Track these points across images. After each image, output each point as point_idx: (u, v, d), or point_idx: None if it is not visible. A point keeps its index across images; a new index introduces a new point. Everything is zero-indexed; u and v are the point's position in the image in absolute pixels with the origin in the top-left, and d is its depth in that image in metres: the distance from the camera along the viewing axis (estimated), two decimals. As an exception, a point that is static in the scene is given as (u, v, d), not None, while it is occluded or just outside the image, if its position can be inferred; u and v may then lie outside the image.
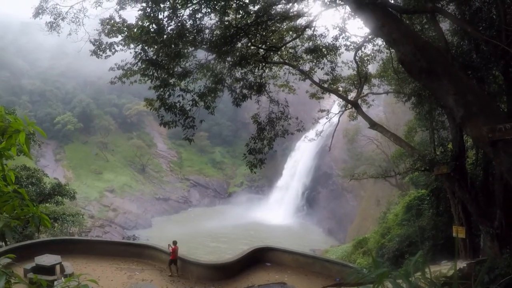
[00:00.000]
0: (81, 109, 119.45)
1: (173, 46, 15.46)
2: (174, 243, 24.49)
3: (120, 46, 23.99)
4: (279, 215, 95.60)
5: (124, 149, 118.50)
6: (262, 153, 19.91)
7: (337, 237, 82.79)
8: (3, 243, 30.59)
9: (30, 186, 34.14)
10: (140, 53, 17.34)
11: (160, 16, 15.49)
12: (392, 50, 23.03)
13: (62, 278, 20.67)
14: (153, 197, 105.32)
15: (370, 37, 24.85)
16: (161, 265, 25.56)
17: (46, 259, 21.97)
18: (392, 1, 18.65)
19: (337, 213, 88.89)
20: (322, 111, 31.81)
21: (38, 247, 24.62)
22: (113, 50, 23.74)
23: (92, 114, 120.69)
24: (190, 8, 15.76)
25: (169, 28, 15.70)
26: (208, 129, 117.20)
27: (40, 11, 23.67)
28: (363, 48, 26.81)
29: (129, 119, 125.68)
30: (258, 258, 26.56)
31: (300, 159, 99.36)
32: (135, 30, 22.15)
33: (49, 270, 21.24)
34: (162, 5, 15.12)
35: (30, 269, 21.09)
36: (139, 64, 18.55)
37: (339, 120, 30.01)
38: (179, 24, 15.58)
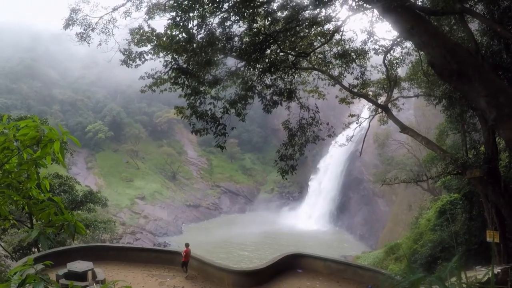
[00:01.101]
0: (112, 118, 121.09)
1: (203, 54, 15.53)
2: (186, 245, 25.53)
3: (150, 55, 24.28)
4: (309, 221, 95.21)
5: (154, 156, 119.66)
6: (293, 159, 19.82)
7: (369, 243, 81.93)
8: (36, 249, 31.11)
9: (62, 193, 34.64)
10: (170, 61, 17.46)
11: (190, 25, 15.57)
12: (422, 53, 22.75)
13: (94, 284, 20.93)
14: (184, 204, 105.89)
15: (398, 40, 24.60)
16: (192, 271, 25.65)
17: (79, 265, 22.22)
18: (420, 3, 18.43)
19: (368, 218, 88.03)
20: (352, 116, 31.58)
21: (70, 254, 24.93)
22: (142, 59, 24.05)
23: (123, 123, 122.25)
24: (219, 16, 15.84)
25: (198, 36, 15.79)
26: (238, 136, 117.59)
27: (70, 22, 24.09)
28: (392, 51, 26.56)
29: (159, 127, 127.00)
30: (289, 264, 26.44)
31: (330, 165, 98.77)
32: (164, 39, 22.38)
33: (81, 276, 21.48)
34: (191, 14, 15.21)
35: (62, 275, 21.35)
36: (170, 72, 18.68)
37: (369, 125, 29.74)
38: (208, 32, 15.66)
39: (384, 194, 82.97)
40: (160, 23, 24.24)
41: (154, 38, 23.99)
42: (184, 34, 15.58)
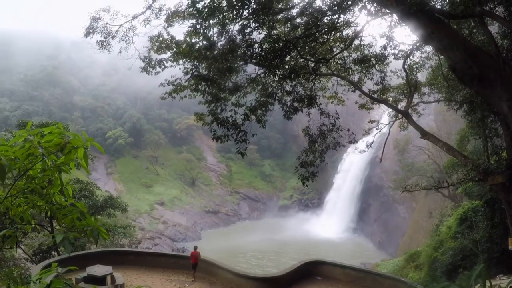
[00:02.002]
0: (132, 124, 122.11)
1: (224, 61, 15.59)
2: (195, 248, 25.86)
3: (169, 62, 24.47)
4: (329, 228, 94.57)
5: (174, 162, 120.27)
6: (313, 166, 19.74)
7: (388, 250, 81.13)
8: (56, 253, 31.40)
9: (83, 198, 35.00)
10: (191, 69, 17.57)
11: (210, 33, 15.66)
12: (442, 57, 22.57)
13: (113, 288, 21.13)
14: (203, 210, 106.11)
15: (418, 44, 24.44)
16: (211, 277, 25.70)
17: (98, 270, 22.37)
18: (439, 7, 18.30)
19: (388, 225, 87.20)
20: (372, 121, 31.45)
21: (90, 258, 25.12)
22: (162, 67, 24.24)
23: (143, 129, 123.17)
24: (239, 24, 15.90)
25: (219, 43, 15.86)
26: (257, 142, 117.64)
27: (91, 30, 24.40)
28: (411, 56, 26.40)
29: (178, 133, 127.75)
30: (308, 271, 26.35)
31: (350, 171, 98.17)
32: (184, 46, 22.53)
33: (100, 280, 21.62)
34: (211, 22, 15.31)
35: (81, 278, 21.52)
36: (191, 80, 18.78)
37: (389, 131, 29.58)
38: (229, 39, 15.73)
39: (404, 201, 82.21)
40: (179, 30, 24.46)
41: (174, 45, 24.17)
42: (204, 42, 15.67)
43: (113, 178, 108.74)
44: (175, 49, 24.17)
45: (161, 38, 24.92)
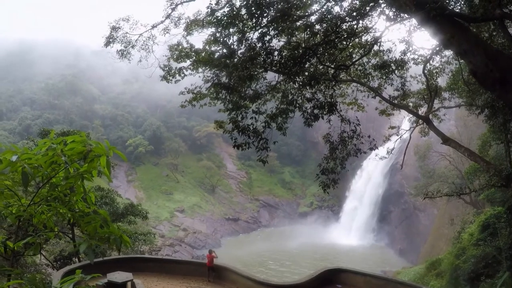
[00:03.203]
0: (152, 132, 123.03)
1: (244, 69, 15.62)
2: (210, 251, 26.29)
3: (189, 71, 24.62)
4: (349, 236, 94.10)
5: (194, 170, 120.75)
6: (335, 173, 19.64)
7: (409, 258, 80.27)
8: (77, 259, 31.64)
9: (103, 206, 35.22)
10: (212, 77, 17.64)
11: (230, 41, 15.72)
12: (462, 61, 22.37)
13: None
14: (223, 217, 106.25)
15: (437, 49, 24.25)
16: (231, 285, 25.64)
17: (118, 276, 22.44)
18: (458, 10, 18.13)
19: (409, 233, 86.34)
20: (393, 127, 31.25)
21: (110, 264, 25.21)
22: (182, 75, 24.40)
23: (163, 137, 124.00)
24: (259, 31, 15.94)
25: (239, 51, 15.91)
26: (277, 149, 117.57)
27: (110, 40, 24.66)
28: (431, 61, 26.18)
29: (198, 141, 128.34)
30: (328, 279, 26.15)
31: (370, 178, 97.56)
32: (203, 54, 22.66)
33: (120, 286, 21.67)
34: (231, 30, 15.37)
35: (102, 285, 21.60)
36: (211, 88, 18.86)
37: (410, 137, 29.35)
38: (248, 47, 15.77)
39: (425, 207, 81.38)
40: (199, 38, 24.64)
41: (193, 53, 24.34)
42: (224, 50, 15.74)
43: (133, 186, 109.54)
44: (194, 57, 24.33)
45: (180, 47, 25.10)
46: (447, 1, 15.61)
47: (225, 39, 15.39)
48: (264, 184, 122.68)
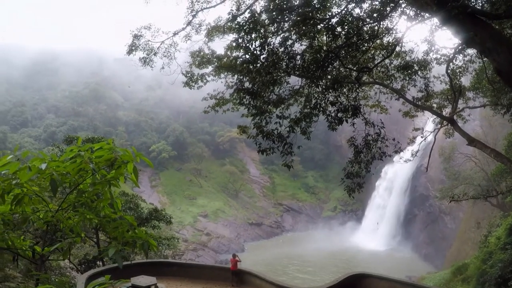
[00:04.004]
0: (175, 138, 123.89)
1: (268, 74, 15.64)
2: (234, 256, 26.10)
3: (211, 77, 24.80)
4: (373, 240, 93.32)
5: (217, 175, 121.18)
6: (359, 177, 19.49)
7: (434, 263, 79.20)
8: (101, 263, 31.95)
9: (128, 211, 35.50)
10: (236, 83, 17.70)
11: (252, 46, 15.75)
12: (485, 59, 22.05)
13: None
14: (246, 222, 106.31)
15: (460, 47, 23.93)
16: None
17: (142, 280, 22.57)
18: (479, 7, 17.88)
19: (434, 237, 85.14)
20: (417, 129, 30.95)
21: (134, 268, 25.36)
22: (204, 81, 24.60)
23: (186, 142, 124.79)
24: (280, 36, 15.97)
25: (261, 57, 15.93)
26: (300, 153, 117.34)
27: (133, 48, 24.96)
28: (454, 60, 25.84)
29: (221, 146, 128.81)
30: (352, 285, 25.92)
31: (395, 181, 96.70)
32: (225, 60, 22.79)
33: (144, 290, 21.84)
34: (253, 35, 15.41)
35: (126, 289, 21.75)
36: (235, 93, 18.91)
37: (435, 138, 29.01)
38: (271, 52, 15.78)
39: (450, 211, 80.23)
40: (220, 44, 24.84)
41: (215, 59, 24.54)
42: (247, 55, 15.77)
43: (157, 191, 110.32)
44: (216, 63, 24.50)
45: (202, 53, 25.33)
46: (468, -2, 15.40)
47: (247, 44, 15.40)
48: (287, 189, 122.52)
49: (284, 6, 15.13)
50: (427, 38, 23.77)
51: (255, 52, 15.67)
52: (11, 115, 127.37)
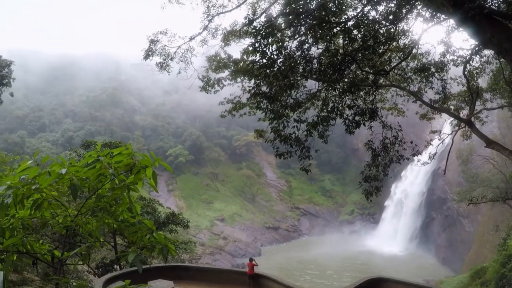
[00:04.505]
0: (192, 142, 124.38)
1: (285, 78, 15.64)
2: (251, 260, 26.31)
3: (228, 81, 24.88)
4: (391, 244, 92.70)
5: (234, 179, 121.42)
6: (377, 180, 19.36)
7: (452, 266, 78.37)
8: (118, 267, 32.11)
9: (145, 215, 35.66)
10: (253, 87, 17.72)
11: (269, 50, 15.76)
12: (502, 60, 21.82)
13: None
14: (263, 226, 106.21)
15: (477, 48, 23.70)
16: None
17: (160, 284, 22.69)
18: (495, 8, 17.71)
19: (452, 240, 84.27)
20: (434, 132, 30.71)
21: (152, 272, 25.47)
22: (221, 85, 24.69)
23: (202, 146, 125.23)
24: (297, 40, 15.97)
25: (278, 61, 15.93)
26: (317, 157, 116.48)
27: (149, 53, 25.14)
28: (471, 61, 25.60)
29: (238, 150, 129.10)
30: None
31: (412, 184, 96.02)
32: (241, 64, 22.84)
33: (161, 294, 21.93)
34: (270, 40, 15.42)
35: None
36: (253, 98, 18.93)
37: (452, 141, 28.77)
38: (288, 56, 15.79)
39: (469, 214, 79.38)
40: (236, 49, 24.91)
41: (231, 64, 24.63)
42: (264, 60, 15.79)
43: (174, 195, 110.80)
44: (232, 67, 24.58)
45: (218, 57, 25.44)
46: (484, -1, 15.26)
47: (264, 49, 15.42)
48: (304, 192, 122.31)
49: (301, 10, 15.12)
50: (444, 39, 23.59)
51: (272, 56, 15.67)
52: (29, 120, 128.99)
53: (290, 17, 15.43)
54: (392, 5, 17.84)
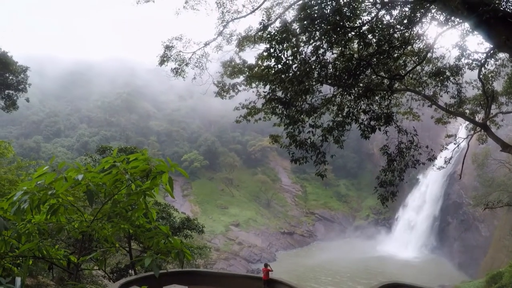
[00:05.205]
0: (207, 147, 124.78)
1: (300, 84, 15.63)
2: (266, 265, 26.21)
3: (243, 86, 24.92)
4: (406, 249, 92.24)
5: (249, 184, 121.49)
6: (393, 185, 19.25)
7: (468, 271, 77.57)
8: (133, 272, 32.22)
9: (160, 220, 35.76)
10: (268, 93, 17.74)
11: (284, 56, 15.77)
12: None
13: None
14: (278, 231, 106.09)
15: (492, 52, 23.51)
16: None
17: (174, 289, 22.75)
18: (509, 10, 17.58)
19: (468, 245, 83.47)
20: (449, 136, 30.49)
21: (167, 277, 25.50)
22: (236, 91, 24.74)
23: (217, 152, 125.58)
24: (312, 45, 15.97)
25: (293, 66, 15.94)
26: (332, 161, 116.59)
27: (165, 59, 25.26)
28: (485, 65, 25.39)
29: (253, 155, 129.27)
30: (386, 294, 25.62)
31: (427, 189, 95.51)
32: (256, 69, 22.88)
33: (176, 299, 21.96)
34: (285, 45, 15.44)
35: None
36: (268, 103, 18.93)
37: (468, 145, 28.54)
38: (303, 62, 15.78)
39: (484, 218, 78.63)
40: (251, 54, 24.97)
41: (246, 69, 24.67)
42: (279, 65, 15.81)
43: (188, 200, 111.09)
44: (247, 73, 24.62)
45: (233, 63, 25.51)
46: (497, 1, 15.14)
47: (279, 54, 15.43)
48: (319, 198, 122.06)
49: (315, 15, 15.13)
50: (458, 43, 23.44)
51: (287, 61, 15.67)
52: (44, 125, 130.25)
53: (305, 22, 15.43)
54: (407, 9, 17.79)
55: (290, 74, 15.90)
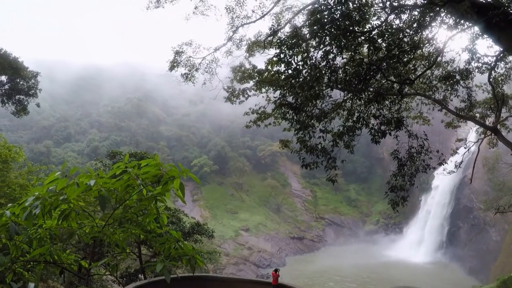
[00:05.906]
0: (216, 152, 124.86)
1: (311, 89, 15.62)
2: (276, 270, 26.09)
3: (253, 91, 24.97)
4: (416, 253, 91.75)
5: (258, 189, 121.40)
6: (404, 190, 19.17)
7: (479, 276, 77.01)
8: (142, 276, 32.28)
9: (170, 225, 35.78)
10: (279, 98, 17.76)
11: (295, 61, 15.78)
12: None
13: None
14: (288, 236, 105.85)
15: (502, 55, 23.38)
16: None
17: (183, 294, 22.73)
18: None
19: (479, 249, 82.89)
20: (460, 140, 30.34)
21: (176, 282, 25.44)
22: (246, 96, 24.78)
23: (227, 157, 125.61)
24: (322, 50, 15.97)
25: (303, 71, 15.94)
26: (342, 166, 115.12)
27: (175, 64, 25.37)
28: (495, 68, 25.25)
29: (262, 160, 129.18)
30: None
31: (437, 193, 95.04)
32: (266, 74, 22.92)
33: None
34: (295, 50, 15.46)
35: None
36: (279, 109, 18.95)
37: (478, 149, 28.40)
38: (313, 66, 15.78)
39: (495, 222, 78.12)
40: (260, 59, 24.99)
41: (256, 74, 24.71)
42: (290, 71, 15.81)
43: (198, 205, 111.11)
44: (257, 78, 24.67)
45: (243, 68, 25.58)
46: (507, 4, 15.09)
47: (289, 59, 15.44)
48: (329, 202, 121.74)
49: (325, 20, 15.13)
50: (468, 47, 23.33)
51: (297, 66, 15.67)
52: (54, 130, 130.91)
53: (315, 27, 15.43)
54: (416, 13, 17.76)
55: (300, 79, 15.89)
